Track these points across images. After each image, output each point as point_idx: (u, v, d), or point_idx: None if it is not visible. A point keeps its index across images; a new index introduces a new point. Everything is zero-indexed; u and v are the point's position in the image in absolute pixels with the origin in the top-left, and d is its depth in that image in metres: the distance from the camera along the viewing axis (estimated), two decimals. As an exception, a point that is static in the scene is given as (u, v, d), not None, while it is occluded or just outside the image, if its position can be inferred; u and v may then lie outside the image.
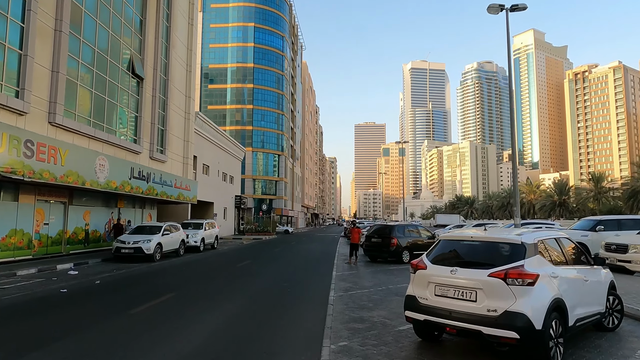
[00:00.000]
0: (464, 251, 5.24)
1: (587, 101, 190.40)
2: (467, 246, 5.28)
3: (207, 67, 66.34)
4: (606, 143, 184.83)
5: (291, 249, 25.15)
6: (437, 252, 5.42)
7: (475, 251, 5.11)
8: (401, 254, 16.24)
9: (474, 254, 5.08)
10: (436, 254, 5.39)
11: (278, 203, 67.78)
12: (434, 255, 5.37)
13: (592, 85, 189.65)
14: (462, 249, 5.28)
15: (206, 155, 36.57)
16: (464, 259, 5.08)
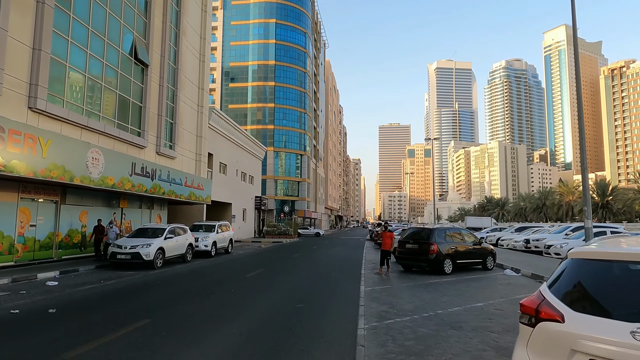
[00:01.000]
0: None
1: (625, 98, 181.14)
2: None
3: (228, 65, 64.83)
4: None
5: (312, 255, 22.63)
6: (573, 282, 2.76)
7: None
8: (442, 263, 13.46)
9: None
10: (573, 287, 2.73)
11: (300, 205, 65.51)
12: (568, 290, 2.72)
13: (630, 82, 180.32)
14: (635, 279, 2.58)
15: (223, 153, 34.56)
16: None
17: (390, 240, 13.97)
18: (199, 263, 17.70)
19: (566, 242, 18.24)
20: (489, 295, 9.81)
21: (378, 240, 28.71)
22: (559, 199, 79.77)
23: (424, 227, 15.61)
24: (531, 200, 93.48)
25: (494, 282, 12.05)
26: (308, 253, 23.76)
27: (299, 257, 20.58)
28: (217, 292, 10.28)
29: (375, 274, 13.75)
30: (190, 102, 24.57)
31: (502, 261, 16.61)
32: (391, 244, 13.96)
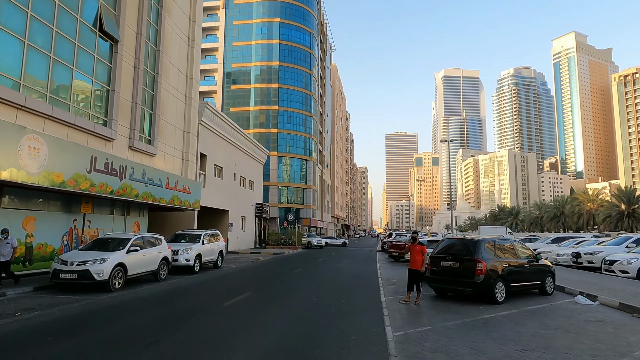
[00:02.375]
0: None
1: (639, 105, 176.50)
2: None
3: (230, 66, 61.89)
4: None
5: (316, 270, 18.97)
6: None
7: None
8: (493, 287, 9.78)
9: None
10: None
11: (306, 213, 61.90)
12: None
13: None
14: None
15: (219, 155, 31.20)
16: None
17: (421, 256, 10.32)
18: (176, 282, 14.17)
19: (636, 257, 14.46)
20: (594, 348, 6.15)
21: (393, 253, 24.99)
22: (578, 208, 75.40)
23: (465, 238, 11.87)
24: (547, 209, 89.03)
25: (574, 319, 8.36)
26: (312, 268, 20.11)
27: (300, 275, 16.95)
28: (169, 337, 6.70)
29: (402, 302, 10.10)
30: (175, 91, 21.23)
31: (558, 281, 12.88)
32: (422, 261, 10.31)
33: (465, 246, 10.62)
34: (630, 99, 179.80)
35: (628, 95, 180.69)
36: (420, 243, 10.69)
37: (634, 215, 60.70)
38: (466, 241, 10.84)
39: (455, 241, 11.30)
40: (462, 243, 10.87)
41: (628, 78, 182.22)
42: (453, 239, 11.63)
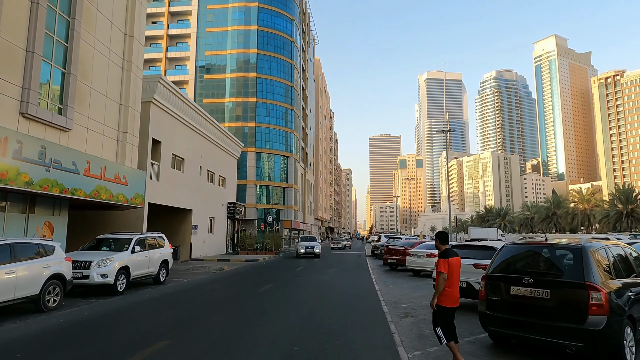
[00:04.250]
0: None
1: (620, 107, 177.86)
2: None
3: (203, 54, 56.49)
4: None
5: (290, 289, 13.94)
6: None
7: None
8: (621, 337, 5.05)
9: None
10: None
11: (287, 214, 56.85)
12: None
13: (624, 90, 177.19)
14: None
15: (179, 144, 25.99)
16: None
17: (456, 275, 5.45)
18: (74, 313, 9.05)
19: None
20: None
21: (390, 260, 20.19)
22: (572, 208, 72.27)
23: (547, 241, 6.73)
24: (539, 210, 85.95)
25: None
26: (286, 283, 15.11)
27: (267, 297, 11.93)
28: None
29: None
30: (107, 50, 16.04)
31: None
32: (437, 286, 5.46)
33: (556, 258, 5.82)
34: (611, 101, 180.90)
35: (609, 97, 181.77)
36: (454, 254, 5.65)
37: (633, 215, 57.63)
38: (557, 248, 5.97)
39: (533, 248, 6.42)
40: (548, 251, 6.02)
41: (609, 80, 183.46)
42: (528, 245, 6.75)
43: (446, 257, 5.38)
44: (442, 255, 5.43)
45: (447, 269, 5.31)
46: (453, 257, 5.44)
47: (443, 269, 5.31)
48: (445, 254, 5.43)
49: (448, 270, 5.30)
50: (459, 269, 5.46)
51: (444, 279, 5.29)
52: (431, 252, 16.52)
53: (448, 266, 5.32)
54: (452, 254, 5.47)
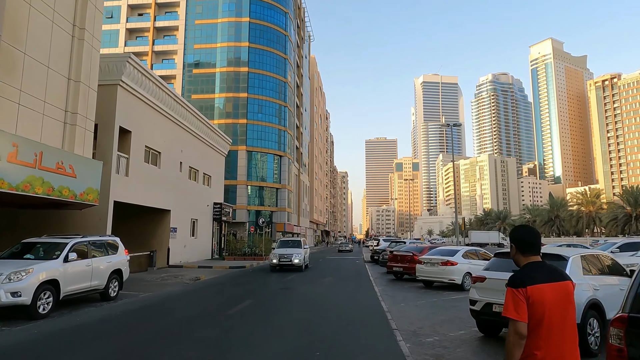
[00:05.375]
0: None
1: (617, 109, 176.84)
2: None
3: (192, 47, 53.50)
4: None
5: (272, 306, 10.87)
6: None
7: None
8: None
9: None
10: None
11: (280, 217, 53.81)
12: None
13: (622, 92, 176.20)
14: None
15: (154, 135, 22.94)
16: None
17: (555, 326, 2.37)
18: None
19: None
20: None
21: (395, 268, 17.20)
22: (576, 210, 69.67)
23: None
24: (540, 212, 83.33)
25: None
26: (269, 299, 12.07)
27: (240, 320, 8.90)
28: None
29: None
30: (50, 11, 13.00)
31: None
32: None
33: None
34: (608, 104, 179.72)
35: (607, 100, 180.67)
36: (538, 278, 2.54)
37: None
38: None
39: None
40: None
41: (606, 83, 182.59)
42: None
43: (523, 284, 2.43)
44: (516, 280, 2.47)
45: (526, 311, 2.37)
46: (543, 284, 2.43)
47: (515, 312, 2.38)
48: (524, 277, 2.47)
49: (529, 316, 2.36)
50: (560, 308, 2.42)
51: (520, 335, 2.34)
52: (447, 260, 13.60)
53: (529, 305, 2.38)
54: (540, 277, 2.46)
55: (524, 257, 2.58)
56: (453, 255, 13.81)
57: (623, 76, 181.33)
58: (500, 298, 6.36)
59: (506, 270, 6.54)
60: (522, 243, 2.57)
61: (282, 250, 21.35)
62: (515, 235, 2.64)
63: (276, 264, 20.87)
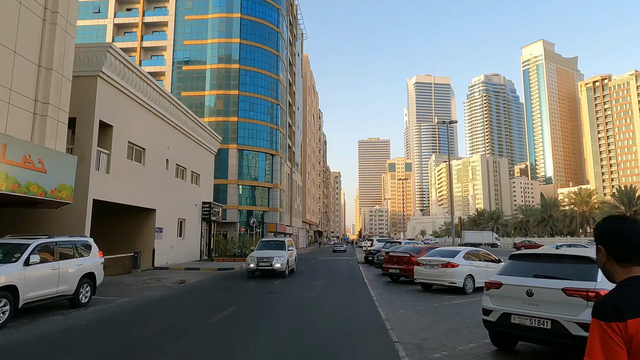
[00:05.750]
0: None
1: (608, 110, 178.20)
2: None
3: (182, 43, 52.26)
4: (630, 154, 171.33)
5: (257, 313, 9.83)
6: None
7: None
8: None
9: None
10: None
11: (272, 216, 52.76)
12: None
13: (612, 94, 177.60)
14: None
15: (138, 131, 21.84)
16: None
17: None
18: None
19: None
20: None
21: (392, 270, 16.31)
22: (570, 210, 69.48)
23: None
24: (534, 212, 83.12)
25: None
26: (255, 305, 11.09)
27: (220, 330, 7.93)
28: None
29: None
30: (18, -9, 11.91)
31: None
32: None
33: None
34: (599, 105, 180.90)
35: (597, 101, 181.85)
36: None
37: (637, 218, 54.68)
38: None
39: None
40: None
41: (597, 84, 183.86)
42: None
43: (620, 315, 1.43)
44: (608, 308, 1.47)
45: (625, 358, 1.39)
46: None
47: (599, 355, 1.41)
48: (622, 303, 1.47)
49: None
50: None
51: None
52: (448, 261, 12.73)
53: (630, 350, 1.39)
54: None
55: (621, 269, 1.61)
56: (454, 257, 12.94)
57: (613, 77, 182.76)
58: (520, 307, 5.45)
59: (525, 274, 5.64)
60: (622, 244, 1.61)
61: (262, 252, 18.56)
62: (608, 231, 1.66)
63: (254, 268, 17.65)
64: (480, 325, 6.64)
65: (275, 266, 17.40)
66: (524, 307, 5.34)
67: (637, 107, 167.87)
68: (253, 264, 17.68)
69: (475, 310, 9.54)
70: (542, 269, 5.58)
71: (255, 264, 17.61)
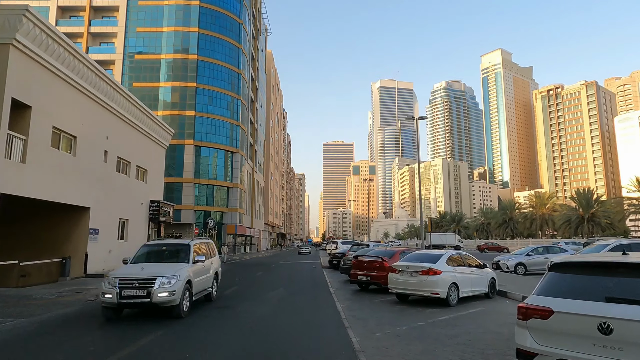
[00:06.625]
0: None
1: (561, 118, 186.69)
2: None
3: (135, 31, 48.31)
4: (581, 160, 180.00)
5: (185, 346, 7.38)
6: None
7: None
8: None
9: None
10: None
11: (231, 218, 49.65)
12: None
13: (564, 102, 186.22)
14: None
15: (66, 115, 18.60)
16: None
17: None
18: None
19: None
20: None
21: (361, 277, 14.12)
22: (530, 212, 70.52)
23: None
24: (495, 215, 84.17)
25: None
26: (189, 328, 8.54)
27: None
28: None
29: None
30: None
31: None
32: None
33: None
34: (553, 112, 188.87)
35: (552, 108, 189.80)
36: None
37: (594, 220, 55.97)
38: None
39: None
40: None
41: (551, 93, 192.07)
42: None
43: None
44: None
45: None
46: None
47: None
48: None
49: None
50: None
51: None
52: (429, 268, 10.69)
53: None
54: None
55: None
56: (435, 262, 10.92)
57: (565, 87, 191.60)
58: (589, 352, 3.33)
59: (589, 296, 3.52)
60: None
61: (134, 269, 9.65)
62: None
63: (112, 302, 8.97)
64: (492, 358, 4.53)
65: (157, 296, 8.84)
66: (596, 352, 3.24)
67: (587, 115, 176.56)
68: (110, 294, 8.93)
69: (472, 333, 7.45)
70: (618, 288, 3.48)
71: (117, 295, 8.87)
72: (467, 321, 8.71)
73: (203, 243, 12.10)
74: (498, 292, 12.98)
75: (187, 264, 10.06)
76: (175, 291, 9.03)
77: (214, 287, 12.21)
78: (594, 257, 4.17)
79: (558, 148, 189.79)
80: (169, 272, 9.29)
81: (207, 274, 11.45)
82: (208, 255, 11.91)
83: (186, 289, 9.49)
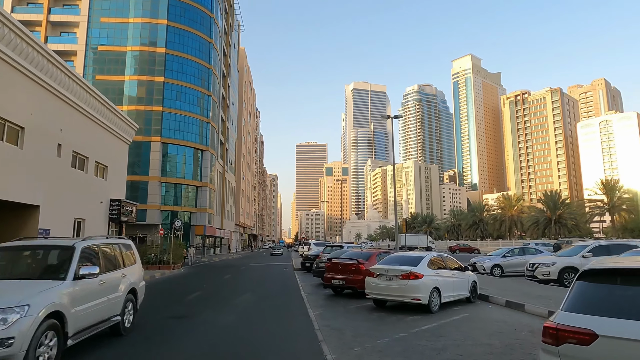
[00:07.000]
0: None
1: (527, 122, 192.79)
2: None
3: (98, 21, 45.79)
4: (546, 164, 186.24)
5: None
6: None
7: None
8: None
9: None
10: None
11: (200, 218, 47.79)
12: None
13: (531, 107, 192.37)
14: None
15: (12, 104, 16.78)
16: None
17: None
18: None
19: None
20: None
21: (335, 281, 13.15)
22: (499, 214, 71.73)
23: None
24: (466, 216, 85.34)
25: None
26: (137, 351, 7.34)
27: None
28: None
29: None
30: None
31: None
32: None
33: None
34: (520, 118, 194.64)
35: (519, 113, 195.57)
36: None
37: (560, 222, 57.32)
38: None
39: None
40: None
41: (518, 98, 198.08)
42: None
43: None
44: None
45: None
46: None
47: None
48: None
49: None
50: None
51: None
52: (410, 271, 9.84)
53: None
54: None
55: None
56: (416, 265, 10.09)
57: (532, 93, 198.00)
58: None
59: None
60: None
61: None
62: None
63: None
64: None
65: None
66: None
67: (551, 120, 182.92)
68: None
69: (461, 346, 6.60)
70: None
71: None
72: (452, 330, 7.89)
73: (109, 245, 7.90)
74: (479, 295, 12.33)
75: (60, 281, 5.93)
76: (14, 339, 4.76)
77: (128, 312, 7.89)
78: (627, 264, 3.30)
79: (525, 152, 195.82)
80: (6, 299, 5.04)
81: (111, 294, 7.16)
82: (116, 263, 7.72)
83: (49, 329, 5.30)
